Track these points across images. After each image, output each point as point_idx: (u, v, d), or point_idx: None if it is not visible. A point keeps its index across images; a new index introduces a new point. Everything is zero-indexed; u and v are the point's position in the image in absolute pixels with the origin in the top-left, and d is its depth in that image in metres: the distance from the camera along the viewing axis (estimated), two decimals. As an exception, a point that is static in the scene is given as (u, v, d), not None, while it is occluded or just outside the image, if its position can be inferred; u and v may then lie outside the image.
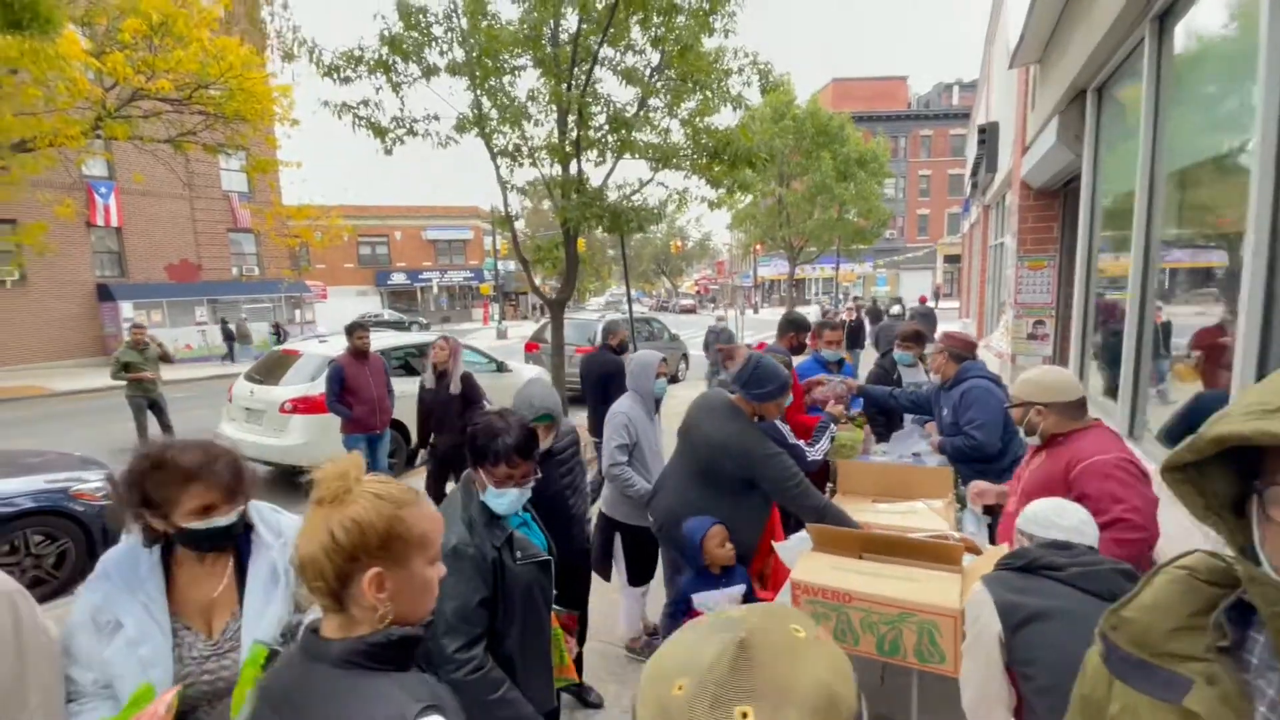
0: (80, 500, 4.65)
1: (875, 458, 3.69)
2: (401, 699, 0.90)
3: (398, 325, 26.66)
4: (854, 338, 12.93)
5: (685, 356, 15.36)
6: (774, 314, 39.35)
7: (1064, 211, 6.03)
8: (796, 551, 2.41)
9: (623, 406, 3.13)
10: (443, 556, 1.24)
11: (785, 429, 2.71)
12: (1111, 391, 4.07)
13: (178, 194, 20.28)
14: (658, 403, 3.30)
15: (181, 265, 21.27)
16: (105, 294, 19.12)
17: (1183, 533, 1.94)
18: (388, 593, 0.97)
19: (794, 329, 4.13)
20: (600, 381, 5.46)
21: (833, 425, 2.97)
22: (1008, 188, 8.20)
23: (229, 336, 20.06)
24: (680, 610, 2.34)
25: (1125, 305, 3.64)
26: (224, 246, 22.73)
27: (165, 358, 7.97)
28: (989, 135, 9.48)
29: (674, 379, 14.78)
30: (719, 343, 10.91)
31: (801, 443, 2.70)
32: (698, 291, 65.39)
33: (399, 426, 6.49)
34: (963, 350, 3.44)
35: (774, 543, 2.47)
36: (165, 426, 7.85)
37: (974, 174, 11.61)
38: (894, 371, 4.49)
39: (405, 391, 6.30)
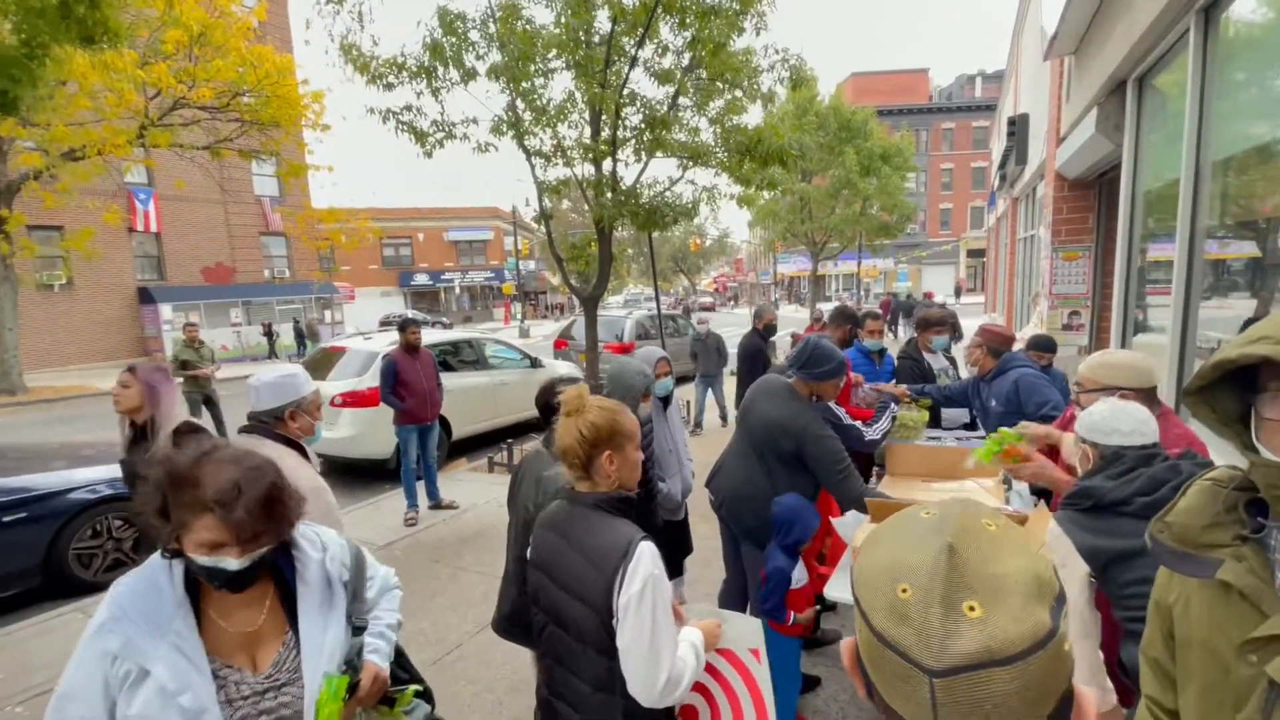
0: (155, 488, 4.93)
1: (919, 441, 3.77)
2: (630, 530, 1.48)
3: (423, 325, 27.08)
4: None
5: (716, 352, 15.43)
6: (794, 311, 39.19)
7: (1100, 202, 6.05)
8: (854, 526, 2.53)
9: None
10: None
11: (841, 411, 2.83)
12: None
13: (213, 199, 20.89)
14: (666, 400, 3.24)
15: (217, 268, 21.85)
16: (146, 297, 19.74)
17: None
18: (615, 466, 1.54)
19: (847, 321, 4.27)
20: (748, 361, 6.09)
21: (894, 405, 3.04)
22: (1040, 179, 8.19)
23: (300, 336, 20.78)
24: (782, 587, 2.41)
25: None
26: (256, 249, 23.31)
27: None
28: (1019, 127, 9.45)
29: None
30: (705, 348, 9.32)
31: (859, 423, 2.81)
32: (716, 289, 65.27)
33: (441, 420, 6.70)
34: (1000, 345, 3.45)
35: (832, 519, 2.60)
36: (219, 422, 8.16)
37: (1002, 166, 11.55)
38: (922, 360, 4.53)
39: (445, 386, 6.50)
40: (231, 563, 1.13)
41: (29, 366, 15.55)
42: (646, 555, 1.42)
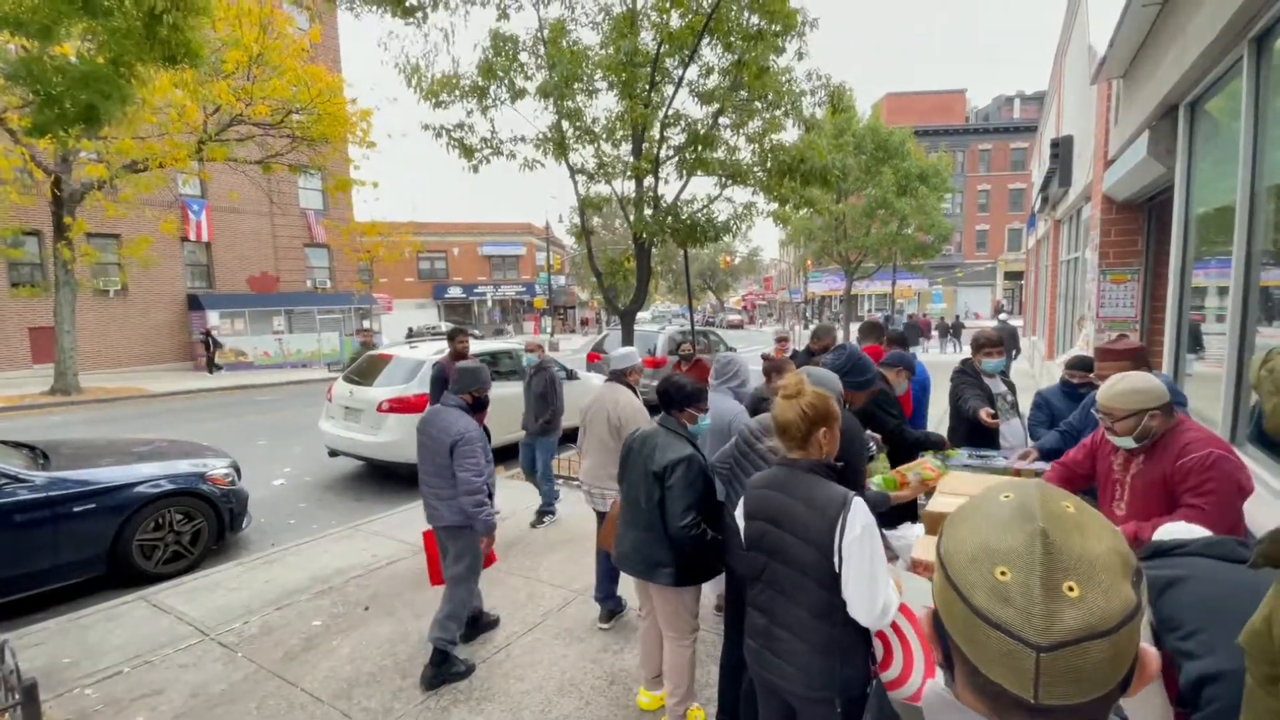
0: (213, 484, 5.15)
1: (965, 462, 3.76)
2: (842, 489, 1.79)
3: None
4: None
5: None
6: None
7: (1149, 225, 5.98)
8: (909, 540, 2.57)
9: (735, 408, 3.36)
10: (681, 462, 2.56)
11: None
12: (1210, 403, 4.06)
13: (261, 211, 21.70)
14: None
15: (262, 277, 22.62)
16: (195, 304, 20.52)
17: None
18: (827, 441, 1.89)
19: (876, 335, 4.31)
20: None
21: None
22: (1084, 201, 8.11)
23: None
24: None
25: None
26: (300, 260, 24.08)
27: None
28: (1062, 149, 9.37)
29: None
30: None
31: None
32: (744, 307, 65.08)
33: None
34: (1137, 361, 3.14)
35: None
36: None
37: (1044, 188, 11.42)
38: (980, 377, 4.49)
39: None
40: None
41: (83, 368, 16.25)
42: (862, 507, 1.75)
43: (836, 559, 1.72)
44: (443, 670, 3.25)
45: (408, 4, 4.38)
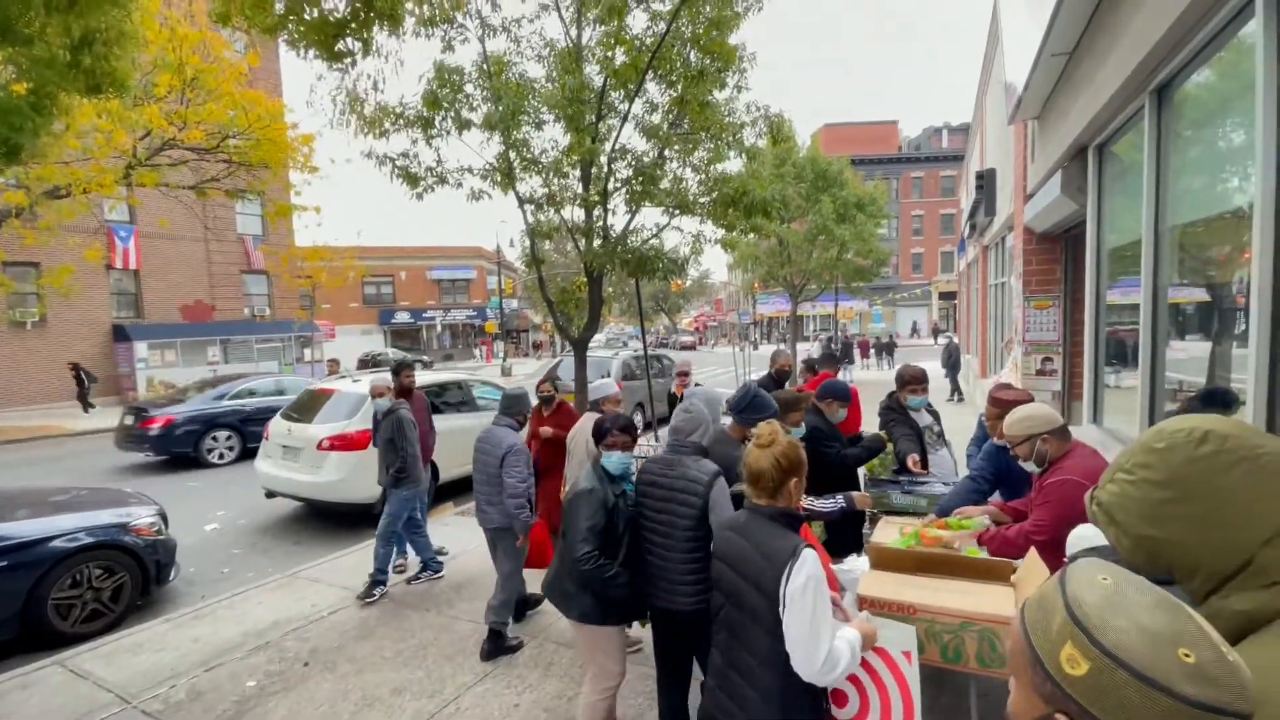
0: (137, 535, 4.83)
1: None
2: (796, 539, 1.82)
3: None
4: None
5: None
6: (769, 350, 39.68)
7: (1066, 255, 6.39)
8: (854, 573, 2.62)
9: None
10: (581, 494, 2.62)
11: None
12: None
13: (195, 237, 20.79)
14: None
15: (196, 306, 21.60)
16: (121, 334, 19.39)
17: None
18: (797, 490, 1.93)
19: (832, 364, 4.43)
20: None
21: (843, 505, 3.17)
22: (1008, 230, 8.60)
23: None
24: None
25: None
26: (237, 288, 23.13)
27: None
28: (987, 181, 9.95)
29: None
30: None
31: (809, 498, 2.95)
32: (696, 328, 65.90)
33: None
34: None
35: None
36: None
37: (972, 216, 12.07)
38: (907, 413, 4.56)
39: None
40: None
41: (-5, 406, 15.09)
42: (810, 559, 1.77)
43: (782, 608, 1.74)
44: (498, 645, 3.84)
45: (337, 49, 4.30)
